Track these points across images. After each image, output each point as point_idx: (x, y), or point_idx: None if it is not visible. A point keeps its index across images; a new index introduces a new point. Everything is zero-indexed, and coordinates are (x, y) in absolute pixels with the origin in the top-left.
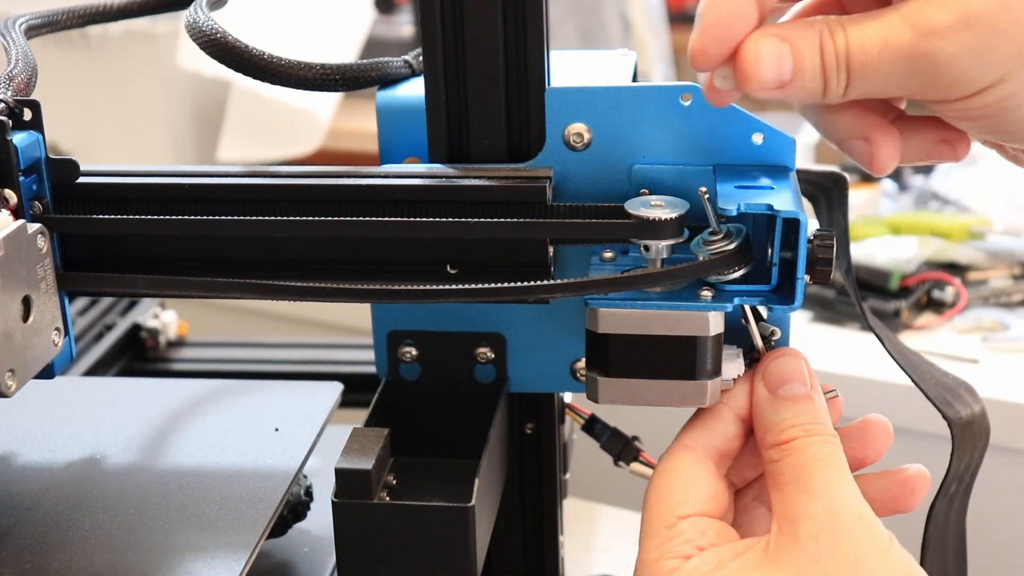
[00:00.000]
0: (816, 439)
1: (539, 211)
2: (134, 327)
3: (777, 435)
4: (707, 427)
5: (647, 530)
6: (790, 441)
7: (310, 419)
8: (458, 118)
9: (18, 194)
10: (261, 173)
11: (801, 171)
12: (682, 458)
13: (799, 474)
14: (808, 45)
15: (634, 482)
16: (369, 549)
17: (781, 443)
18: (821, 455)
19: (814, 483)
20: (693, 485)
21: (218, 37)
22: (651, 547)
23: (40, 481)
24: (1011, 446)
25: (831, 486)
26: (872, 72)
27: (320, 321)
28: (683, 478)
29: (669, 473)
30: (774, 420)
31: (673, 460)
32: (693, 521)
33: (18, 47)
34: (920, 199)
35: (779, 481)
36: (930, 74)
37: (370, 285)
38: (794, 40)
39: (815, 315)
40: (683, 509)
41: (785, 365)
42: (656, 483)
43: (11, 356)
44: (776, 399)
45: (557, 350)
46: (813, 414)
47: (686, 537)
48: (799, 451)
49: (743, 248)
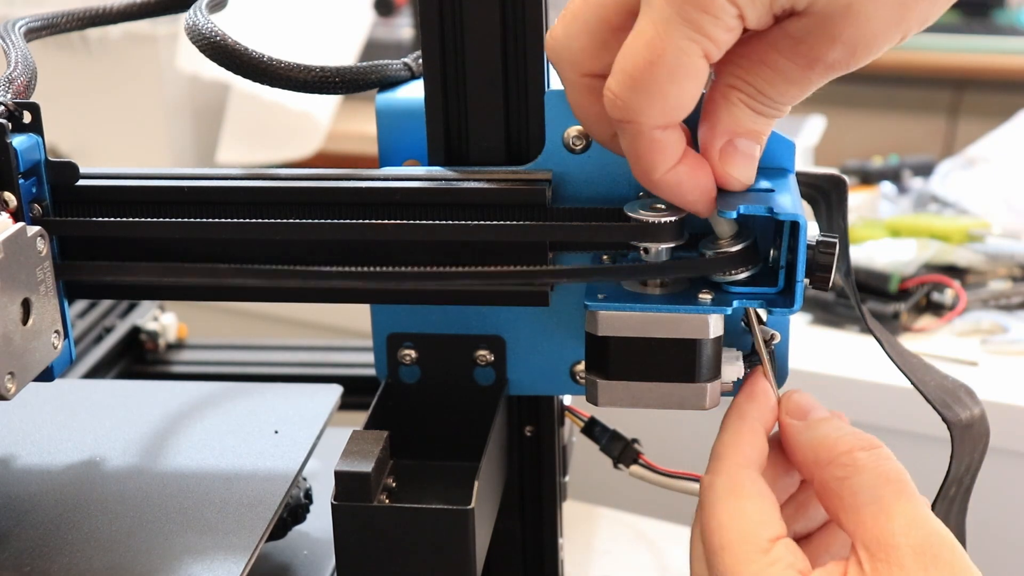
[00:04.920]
0: (879, 454)
1: (538, 214)
2: (133, 329)
3: (831, 449)
4: (750, 443)
5: (738, 557)
6: (849, 452)
7: (310, 421)
8: (457, 120)
9: (18, 197)
10: (260, 176)
11: (801, 174)
12: (746, 475)
13: (879, 496)
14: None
15: (634, 485)
16: (369, 552)
17: (839, 456)
18: (893, 475)
19: (902, 508)
20: (768, 504)
21: (218, 40)
22: (751, 573)
23: (40, 484)
24: (1011, 449)
25: (919, 513)
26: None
27: (319, 324)
28: (756, 497)
29: (739, 493)
30: (819, 438)
31: (736, 479)
32: (786, 543)
33: (18, 50)
34: (919, 202)
35: (852, 501)
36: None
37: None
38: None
39: (814, 317)
40: (769, 531)
41: (800, 398)
42: (726, 505)
43: (11, 359)
44: (810, 422)
45: (557, 353)
46: (851, 428)
47: (787, 561)
48: (868, 469)
49: (748, 250)
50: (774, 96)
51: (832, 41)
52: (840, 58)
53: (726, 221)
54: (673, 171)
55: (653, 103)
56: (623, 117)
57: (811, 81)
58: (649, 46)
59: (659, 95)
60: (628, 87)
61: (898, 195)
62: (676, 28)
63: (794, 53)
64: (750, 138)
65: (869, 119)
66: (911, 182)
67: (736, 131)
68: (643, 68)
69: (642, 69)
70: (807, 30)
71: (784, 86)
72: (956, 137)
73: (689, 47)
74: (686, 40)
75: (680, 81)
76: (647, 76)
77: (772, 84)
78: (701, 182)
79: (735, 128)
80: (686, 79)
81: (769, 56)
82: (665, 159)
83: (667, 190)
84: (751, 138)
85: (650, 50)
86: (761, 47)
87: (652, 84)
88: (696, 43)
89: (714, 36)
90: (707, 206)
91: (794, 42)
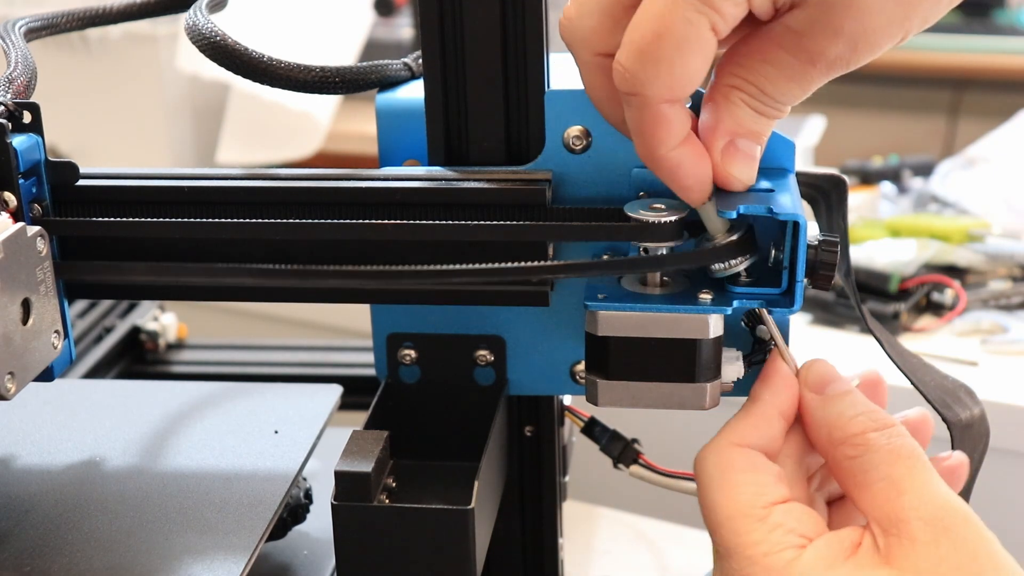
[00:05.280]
0: (891, 433)
1: (538, 214)
2: (133, 329)
3: (844, 429)
4: (753, 426)
5: (737, 530)
6: (862, 434)
7: (309, 421)
8: (457, 120)
9: (18, 197)
10: (260, 176)
11: (800, 174)
12: (736, 452)
13: (890, 472)
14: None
15: (634, 485)
16: (369, 552)
17: (852, 437)
18: (905, 451)
19: (913, 484)
20: (763, 475)
21: (218, 40)
22: (751, 543)
23: (39, 484)
24: (1011, 448)
25: (930, 486)
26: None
27: (319, 324)
28: (748, 471)
29: (728, 468)
30: (833, 416)
31: (725, 455)
32: (787, 508)
33: (18, 50)
34: (919, 202)
35: (863, 479)
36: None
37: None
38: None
39: (814, 317)
40: (764, 499)
41: (822, 368)
42: (718, 483)
43: (10, 359)
44: (827, 398)
45: (557, 352)
46: (868, 404)
47: (788, 527)
48: (880, 447)
49: (744, 240)
50: (775, 95)
51: (834, 35)
52: (842, 54)
53: (720, 219)
54: (677, 151)
55: (660, 75)
56: (630, 89)
57: (812, 79)
58: (658, 18)
59: (666, 67)
60: (636, 59)
61: (898, 195)
62: (684, 1)
63: (796, 48)
64: (751, 139)
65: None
66: (911, 182)
67: (737, 131)
68: (651, 40)
69: (650, 41)
70: (809, 22)
71: (785, 84)
72: (956, 137)
73: (697, 19)
74: (694, 12)
75: (687, 54)
76: (655, 48)
77: (773, 82)
78: (700, 169)
79: (736, 128)
80: (693, 52)
81: (770, 52)
82: (670, 136)
83: (667, 171)
84: (752, 139)
85: (659, 22)
86: (762, 44)
87: (660, 56)
88: (704, 15)
89: (722, 9)
90: (701, 195)
91: (796, 36)
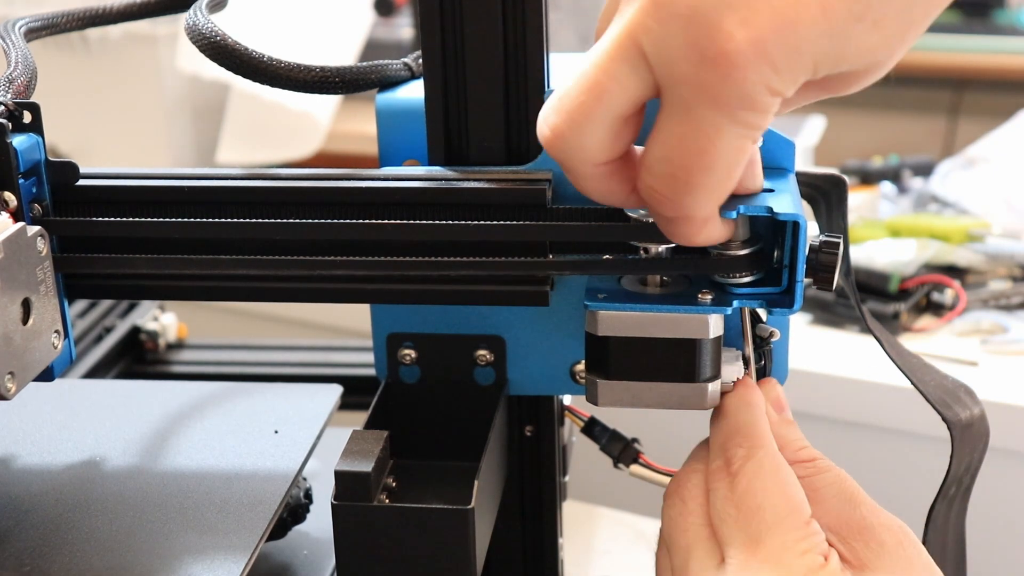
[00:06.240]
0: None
1: (538, 213)
2: (133, 329)
3: (794, 453)
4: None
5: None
6: (813, 461)
7: (309, 421)
8: (457, 120)
9: (18, 197)
10: (260, 175)
11: (800, 174)
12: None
13: (841, 490)
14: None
15: (634, 485)
16: (369, 552)
17: (802, 461)
18: (844, 475)
19: (863, 496)
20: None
21: (218, 40)
22: (794, 539)
23: (39, 483)
24: (1010, 448)
25: (870, 499)
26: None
27: (319, 323)
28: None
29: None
30: (788, 439)
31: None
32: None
33: (18, 50)
34: (919, 202)
35: (816, 496)
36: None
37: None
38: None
39: (814, 317)
40: (807, 507)
41: (780, 392)
42: (780, 478)
43: (11, 359)
44: (783, 421)
45: (557, 352)
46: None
47: (821, 536)
48: (830, 470)
49: (755, 256)
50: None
51: (846, 88)
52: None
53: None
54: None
55: (711, 198)
56: (675, 214)
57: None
58: (705, 152)
59: (717, 190)
60: (683, 192)
61: (898, 195)
62: (730, 130)
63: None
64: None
65: (869, 119)
66: (911, 182)
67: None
68: (698, 172)
69: (696, 173)
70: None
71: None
72: (956, 137)
73: (745, 144)
74: (741, 139)
75: (737, 171)
76: (704, 178)
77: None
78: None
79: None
80: (740, 167)
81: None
82: (714, 233)
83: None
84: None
85: (707, 156)
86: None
87: (710, 184)
88: (749, 137)
89: (764, 125)
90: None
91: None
